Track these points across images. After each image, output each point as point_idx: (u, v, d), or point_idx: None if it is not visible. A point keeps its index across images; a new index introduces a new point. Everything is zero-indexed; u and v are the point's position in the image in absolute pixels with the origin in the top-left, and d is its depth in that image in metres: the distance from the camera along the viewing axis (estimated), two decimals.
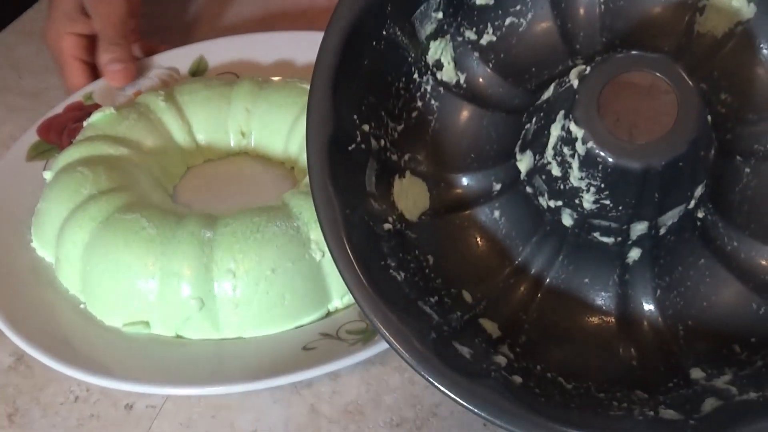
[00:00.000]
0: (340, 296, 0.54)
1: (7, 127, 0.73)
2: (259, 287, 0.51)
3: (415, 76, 0.52)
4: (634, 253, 0.48)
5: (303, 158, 0.63)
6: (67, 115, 0.68)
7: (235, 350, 0.51)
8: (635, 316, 0.48)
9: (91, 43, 0.70)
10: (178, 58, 0.73)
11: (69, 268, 0.55)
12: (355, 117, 0.48)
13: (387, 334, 0.41)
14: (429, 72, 0.52)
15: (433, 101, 0.53)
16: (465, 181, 0.52)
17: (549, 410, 0.40)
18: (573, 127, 0.43)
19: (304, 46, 0.72)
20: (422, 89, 0.52)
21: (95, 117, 0.63)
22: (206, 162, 0.67)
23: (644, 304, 0.48)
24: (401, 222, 0.48)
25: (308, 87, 0.63)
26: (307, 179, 0.57)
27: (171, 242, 0.52)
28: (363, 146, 0.48)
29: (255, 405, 0.51)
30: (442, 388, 0.40)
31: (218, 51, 0.73)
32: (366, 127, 0.49)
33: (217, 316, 0.52)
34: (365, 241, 0.44)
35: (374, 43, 0.49)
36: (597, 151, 0.43)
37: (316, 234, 0.53)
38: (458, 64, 0.53)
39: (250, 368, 0.49)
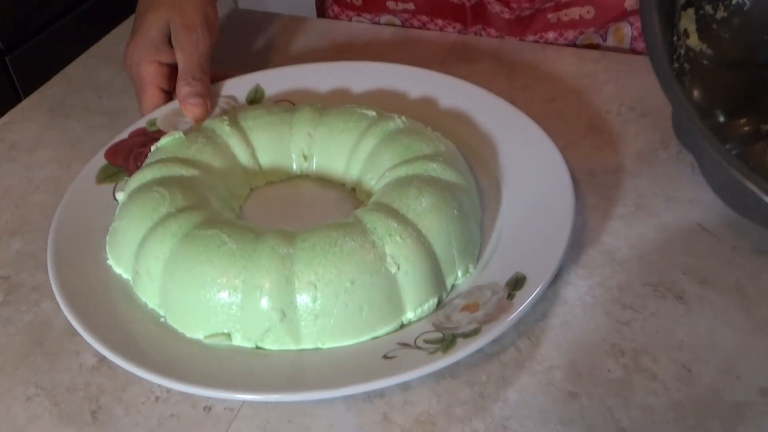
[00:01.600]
0: (413, 308, 0.57)
1: (88, 143, 0.77)
2: (338, 299, 0.55)
3: (674, 38, 0.61)
4: None
5: (366, 180, 0.67)
6: (132, 141, 0.72)
7: (314, 360, 0.54)
8: None
9: (171, 72, 0.74)
10: (235, 88, 0.77)
11: (149, 282, 0.59)
12: None
13: None
14: (681, 38, 0.62)
15: (685, 64, 0.63)
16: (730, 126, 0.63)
17: None
18: None
19: (358, 76, 0.77)
20: (677, 52, 0.62)
21: (164, 141, 0.67)
22: (268, 184, 0.71)
23: None
24: None
25: (367, 112, 0.69)
26: (375, 198, 0.60)
27: (252, 256, 0.56)
28: None
29: (328, 413, 0.52)
30: None
31: (274, 80, 0.77)
32: None
33: (297, 327, 0.55)
34: None
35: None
36: None
37: (391, 248, 0.56)
38: (700, 34, 0.63)
39: (328, 376, 0.52)
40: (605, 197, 0.67)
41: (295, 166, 0.71)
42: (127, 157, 0.70)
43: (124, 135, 0.72)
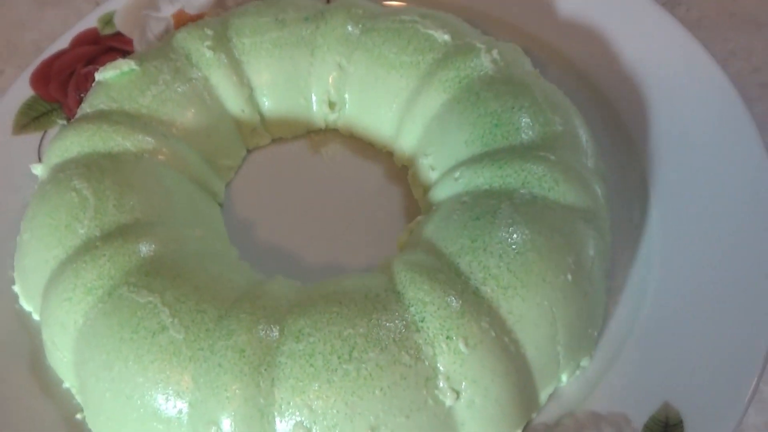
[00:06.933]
0: None
1: (32, 33, 0.49)
2: None
3: None
4: None
5: (424, 161, 0.38)
6: (74, 53, 0.44)
7: None
8: None
9: None
10: None
11: (59, 355, 0.34)
12: None
13: None
14: None
15: None
16: None
17: None
18: None
19: None
20: None
21: (110, 74, 0.39)
22: (275, 142, 0.43)
23: None
24: None
25: (436, 34, 0.39)
26: (429, 232, 0.33)
27: (208, 361, 0.30)
28: None
29: None
30: None
31: None
32: None
33: None
34: None
35: None
36: None
37: (448, 362, 0.30)
38: None
39: None
40: None
41: (316, 116, 0.42)
42: (65, 83, 0.43)
43: (63, 43, 0.44)
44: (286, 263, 0.38)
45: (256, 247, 0.39)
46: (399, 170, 0.40)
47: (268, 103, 0.41)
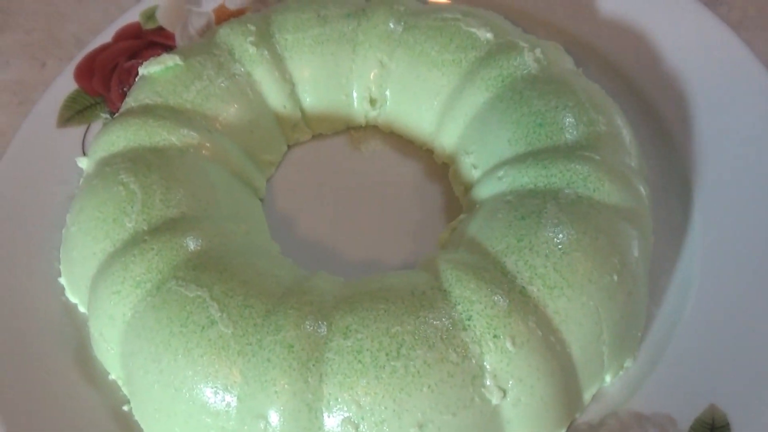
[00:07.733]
0: None
1: (73, 26, 0.49)
2: None
3: None
4: None
5: (465, 160, 0.38)
6: (117, 47, 0.43)
7: None
8: None
9: None
10: None
11: (106, 347, 0.34)
12: None
13: None
14: None
15: None
16: None
17: None
18: None
19: None
20: None
21: (155, 68, 0.39)
22: (315, 138, 0.42)
23: None
24: None
25: (478, 32, 0.38)
26: (473, 230, 0.32)
27: (256, 356, 0.30)
28: None
29: None
30: None
31: None
32: None
33: None
34: None
35: None
36: None
37: (495, 360, 0.29)
38: None
39: None
40: None
41: (356, 113, 0.42)
42: (108, 77, 0.43)
43: (106, 36, 0.43)
44: (325, 259, 0.38)
45: (296, 243, 0.39)
46: (439, 167, 0.40)
47: (309, 99, 0.41)
